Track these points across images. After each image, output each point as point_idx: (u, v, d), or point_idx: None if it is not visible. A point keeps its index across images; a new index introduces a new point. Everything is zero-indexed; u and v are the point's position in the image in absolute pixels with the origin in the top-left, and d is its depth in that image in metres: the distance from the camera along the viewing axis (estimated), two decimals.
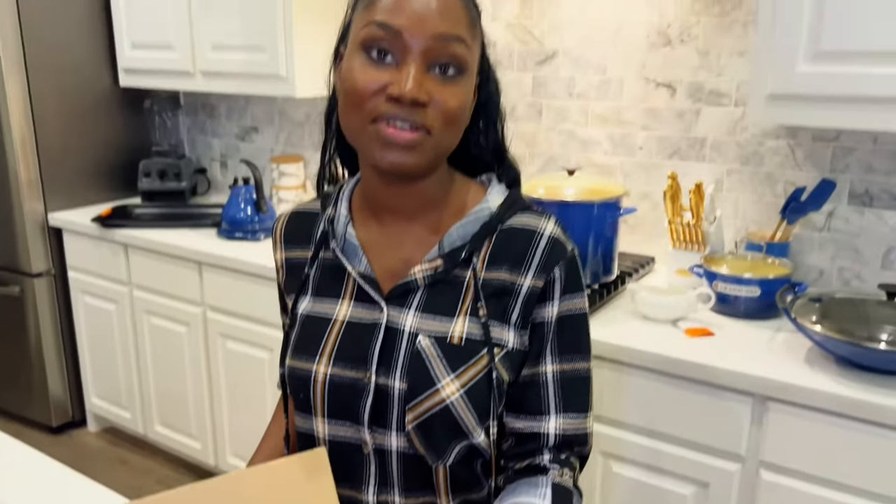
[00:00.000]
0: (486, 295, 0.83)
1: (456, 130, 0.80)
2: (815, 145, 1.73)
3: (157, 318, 2.39)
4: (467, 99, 0.80)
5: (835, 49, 1.41)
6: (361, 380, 0.83)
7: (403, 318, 0.83)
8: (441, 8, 0.75)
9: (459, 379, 0.80)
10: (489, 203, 0.86)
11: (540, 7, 2.03)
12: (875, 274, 1.71)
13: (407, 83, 0.74)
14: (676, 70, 1.87)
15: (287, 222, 0.96)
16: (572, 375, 0.85)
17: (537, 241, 0.84)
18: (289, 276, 0.94)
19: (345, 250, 0.88)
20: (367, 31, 0.76)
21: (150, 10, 2.46)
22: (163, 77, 2.53)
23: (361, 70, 0.76)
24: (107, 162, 2.74)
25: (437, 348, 0.81)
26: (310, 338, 0.87)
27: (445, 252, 0.84)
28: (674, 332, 1.54)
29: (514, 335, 0.84)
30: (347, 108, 0.79)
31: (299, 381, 0.86)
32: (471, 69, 0.79)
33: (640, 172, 1.98)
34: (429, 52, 0.75)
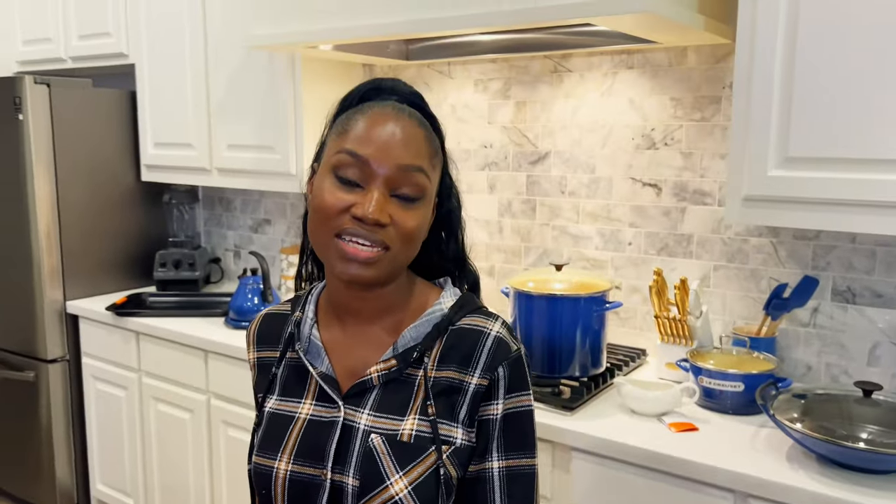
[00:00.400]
0: (436, 393, 0.88)
1: (413, 247, 0.88)
2: (796, 243, 1.79)
3: (163, 404, 2.44)
4: (425, 219, 0.89)
5: (802, 155, 1.49)
6: (318, 476, 0.87)
7: (359, 417, 0.88)
8: (405, 141, 0.85)
9: (408, 476, 0.84)
10: (442, 305, 0.93)
11: (533, 112, 2.15)
12: (861, 370, 1.73)
13: (370, 206, 0.83)
14: (661, 170, 1.96)
15: (260, 324, 1.03)
16: (517, 472, 0.89)
17: (484, 341, 0.89)
18: (259, 376, 1.01)
19: (309, 351, 0.94)
20: (339, 158, 0.85)
21: (173, 112, 2.64)
22: (182, 173, 2.68)
23: (331, 191, 0.85)
24: (126, 252, 2.86)
25: (387, 446, 0.86)
26: (273, 435, 0.92)
27: (399, 352, 0.90)
28: (659, 427, 1.56)
29: (462, 432, 0.88)
30: (315, 222, 0.87)
31: (262, 478, 0.91)
32: (429, 194, 0.89)
33: (630, 267, 2.04)
34: (392, 180, 0.84)
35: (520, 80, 2.17)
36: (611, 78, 2.01)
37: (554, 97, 2.11)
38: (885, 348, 1.70)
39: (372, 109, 0.87)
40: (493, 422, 0.89)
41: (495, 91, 2.22)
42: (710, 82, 1.87)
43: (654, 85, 1.95)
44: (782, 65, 1.49)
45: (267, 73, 2.34)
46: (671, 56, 1.91)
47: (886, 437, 1.39)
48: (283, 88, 2.31)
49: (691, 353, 1.72)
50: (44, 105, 2.57)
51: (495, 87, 2.22)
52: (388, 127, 0.85)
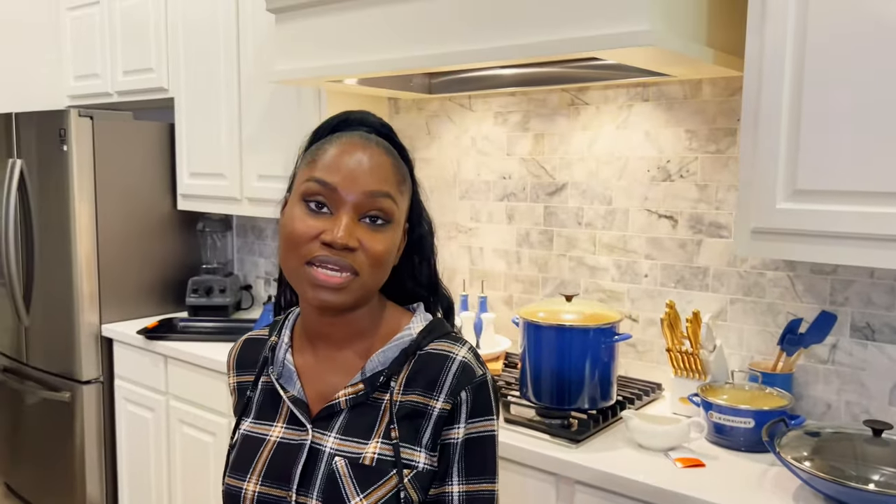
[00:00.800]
0: (400, 417, 0.90)
1: (382, 271, 0.91)
2: (813, 278, 1.75)
3: (187, 427, 2.50)
4: (394, 243, 0.91)
5: (811, 188, 1.47)
6: (284, 498, 0.89)
7: (326, 440, 0.90)
8: (372, 168, 0.88)
9: (368, 499, 0.86)
10: (411, 330, 0.95)
11: (551, 144, 2.17)
12: (883, 410, 1.68)
13: (339, 231, 0.85)
14: (677, 202, 1.95)
15: (240, 349, 1.06)
16: (476, 496, 0.90)
17: (449, 366, 0.91)
18: (237, 399, 1.03)
19: (283, 375, 0.97)
20: (308, 186, 0.88)
21: (207, 144, 2.74)
22: (215, 202, 2.77)
23: (300, 218, 0.88)
24: (160, 278, 2.96)
25: (349, 469, 0.87)
26: (244, 457, 0.94)
27: (367, 377, 0.92)
28: (665, 462, 1.54)
29: (424, 456, 0.89)
30: (286, 250, 0.90)
31: (232, 498, 0.93)
32: (397, 218, 0.91)
33: (647, 299, 2.02)
34: (360, 206, 0.87)
35: (538, 112, 2.19)
36: (626, 110, 2.02)
37: (571, 129, 2.13)
38: None
39: (340, 139, 0.90)
40: (454, 446, 0.90)
41: (514, 124, 2.25)
42: (724, 115, 1.86)
43: (669, 117, 1.95)
44: (790, 97, 1.48)
45: (295, 107, 2.42)
46: (686, 89, 1.92)
47: None
48: (309, 121, 2.38)
49: (702, 388, 1.69)
50: (87, 137, 2.70)
51: (514, 119, 2.25)
52: (356, 155, 0.88)
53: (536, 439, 1.65)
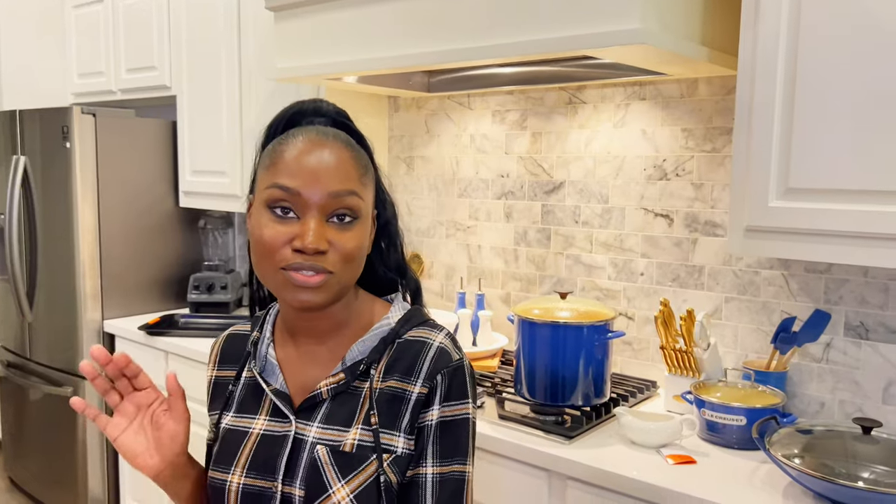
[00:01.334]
0: (379, 403, 0.92)
1: (356, 266, 0.91)
2: (807, 276, 1.76)
3: None
4: (364, 237, 0.92)
5: (803, 186, 1.47)
6: (270, 489, 0.91)
7: (309, 430, 0.92)
8: (333, 167, 0.87)
9: (349, 485, 0.87)
10: (390, 319, 0.97)
11: (548, 143, 2.18)
12: (876, 408, 1.68)
13: (308, 237, 0.85)
14: (673, 201, 1.96)
15: (223, 344, 1.07)
16: (448, 477, 0.91)
17: (426, 351, 0.93)
18: (214, 394, 1.04)
19: (265, 369, 0.98)
20: (270, 193, 0.87)
21: (209, 141, 2.76)
22: (216, 199, 2.79)
23: (268, 226, 0.87)
24: (162, 275, 2.98)
25: (330, 456, 0.89)
26: (228, 450, 0.96)
27: (347, 366, 0.94)
28: (657, 459, 1.55)
29: (402, 441, 0.91)
30: (258, 258, 0.90)
31: (216, 491, 0.94)
32: (364, 212, 0.91)
33: (643, 297, 2.03)
34: (325, 207, 0.87)
35: (536, 111, 2.20)
36: (623, 109, 2.03)
37: (568, 128, 2.14)
38: None
39: (296, 138, 0.89)
40: (428, 428, 0.91)
41: (512, 122, 2.26)
42: (720, 114, 1.86)
43: (665, 116, 1.96)
44: (782, 95, 1.49)
45: None
46: (682, 87, 1.92)
47: (889, 476, 1.34)
48: None
49: (695, 386, 1.70)
50: (90, 134, 2.72)
51: (512, 118, 2.25)
52: (315, 154, 0.87)
53: (530, 435, 1.66)
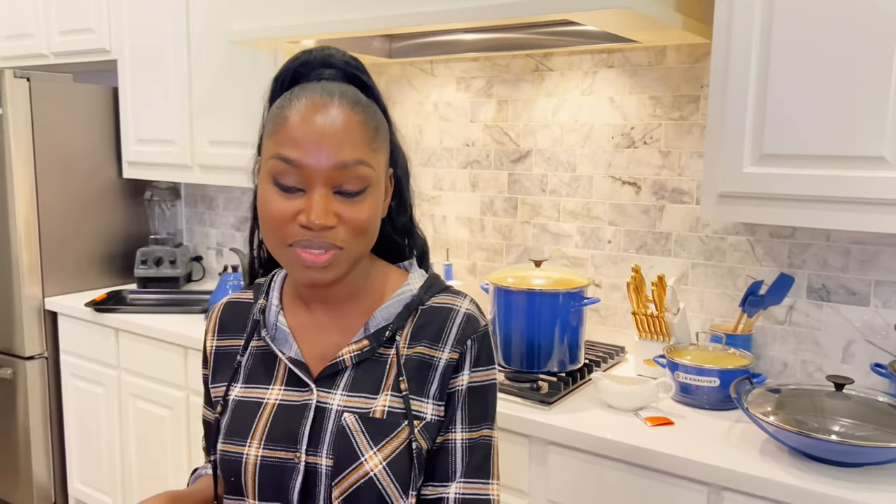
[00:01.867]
0: (408, 370, 0.89)
1: (369, 237, 0.87)
2: (772, 241, 1.81)
3: (142, 401, 2.43)
4: (376, 205, 0.87)
5: (776, 152, 1.51)
6: (292, 459, 0.87)
7: (332, 398, 0.89)
8: (339, 135, 0.81)
9: (381, 452, 0.85)
10: (411, 286, 0.94)
11: (515, 111, 2.17)
12: (836, 367, 1.75)
13: (313, 212, 0.81)
14: (641, 169, 1.98)
15: (222, 312, 1.02)
16: (478, 442, 0.90)
17: (454, 318, 0.91)
18: (217, 365, 0.99)
19: (276, 337, 0.94)
20: (274, 165, 0.82)
21: (155, 109, 2.63)
22: (163, 170, 2.67)
23: (273, 200, 0.83)
24: (106, 249, 2.85)
25: (360, 423, 0.86)
26: (241, 422, 0.91)
27: (370, 333, 0.91)
28: (635, 422, 1.58)
29: (431, 407, 0.89)
30: (265, 231, 0.86)
31: (231, 464, 0.90)
32: (376, 180, 0.86)
33: (610, 265, 2.06)
34: (332, 179, 0.81)
35: (502, 78, 2.18)
36: (591, 77, 2.03)
37: (535, 96, 2.13)
38: (859, 345, 1.72)
39: (300, 100, 0.83)
40: (458, 393, 0.90)
41: (477, 89, 2.23)
42: (688, 82, 1.89)
43: (633, 84, 1.97)
44: (757, 63, 1.51)
45: (250, 70, 2.34)
46: (651, 55, 1.93)
47: (858, 430, 1.40)
48: (265, 84, 2.30)
49: (668, 349, 1.74)
50: (24, 99, 2.55)
51: (477, 85, 2.23)
52: (318, 121, 0.81)
53: (508, 402, 1.66)
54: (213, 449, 0.93)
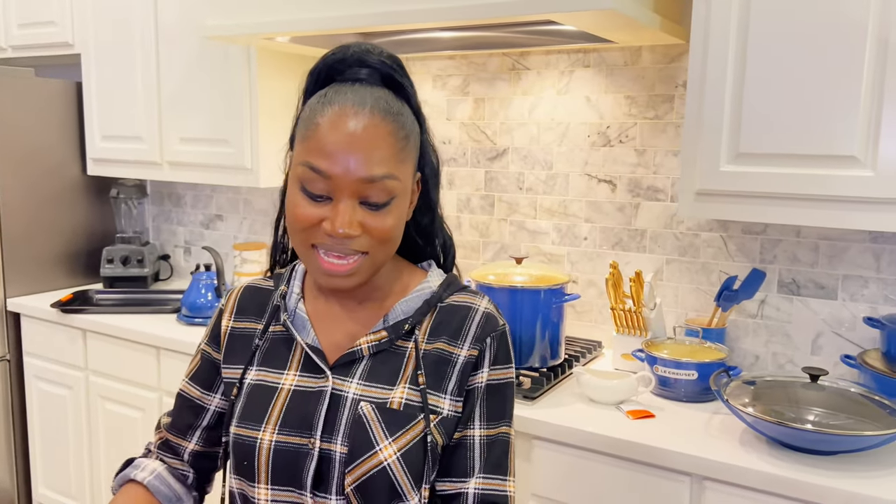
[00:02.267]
0: (426, 364, 0.91)
1: (392, 244, 0.88)
2: (744, 238, 1.86)
3: (112, 403, 2.38)
4: (401, 214, 0.88)
5: (752, 151, 1.55)
6: (306, 445, 0.88)
7: (348, 386, 0.90)
8: (368, 149, 0.82)
9: (396, 442, 0.86)
10: (430, 283, 0.96)
11: (492, 109, 2.18)
12: (805, 359, 1.81)
13: (338, 223, 0.82)
14: (616, 167, 2.01)
15: (241, 294, 1.03)
16: (496, 439, 0.92)
17: (473, 316, 0.93)
18: (231, 346, 0.99)
19: (294, 323, 0.95)
20: (303, 172, 0.84)
21: (122, 104, 2.57)
22: (131, 167, 2.61)
23: (300, 205, 0.85)
24: (70, 248, 2.77)
25: (377, 413, 0.87)
26: (255, 406, 0.92)
27: (390, 324, 0.93)
28: (617, 415, 1.61)
29: (448, 403, 0.91)
30: (291, 231, 0.88)
31: (244, 448, 0.90)
32: (402, 191, 0.87)
33: (586, 261, 2.09)
34: (358, 192, 0.83)
35: (478, 76, 2.19)
36: (567, 76, 2.06)
37: (512, 94, 2.15)
38: (828, 338, 1.78)
39: (332, 107, 0.83)
40: (477, 390, 0.92)
41: (454, 87, 2.24)
42: (663, 81, 1.93)
43: (609, 83, 2.00)
44: (734, 64, 1.55)
45: (222, 65, 2.31)
46: (626, 55, 1.97)
47: (832, 419, 1.46)
48: (238, 81, 2.28)
49: (646, 344, 1.77)
50: None
51: (454, 83, 2.24)
52: (348, 132, 0.81)
53: None
54: (226, 432, 0.94)
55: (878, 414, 1.45)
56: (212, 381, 1.02)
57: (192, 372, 1.04)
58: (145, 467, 1.01)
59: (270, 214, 2.72)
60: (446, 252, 1.02)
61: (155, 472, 1.00)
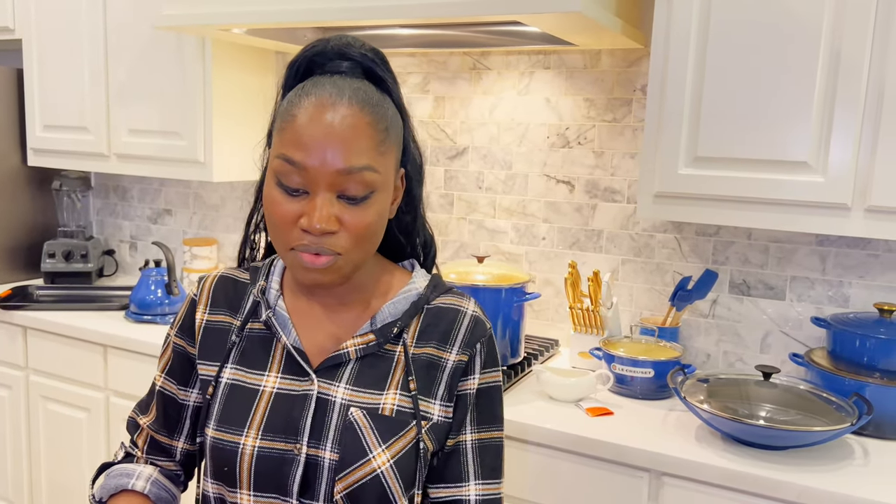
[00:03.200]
0: (416, 369, 0.89)
1: (371, 243, 0.85)
2: (698, 239, 1.91)
3: (54, 403, 2.29)
4: (382, 210, 0.85)
5: (710, 155, 1.59)
6: (291, 451, 0.86)
7: (334, 391, 0.87)
8: (345, 140, 0.79)
9: (390, 450, 0.85)
10: (416, 284, 0.94)
11: (452, 108, 2.19)
12: (755, 357, 1.87)
13: (314, 217, 0.80)
14: (574, 168, 2.04)
15: (215, 285, 0.98)
16: (488, 443, 0.92)
17: (461, 319, 0.92)
18: (206, 341, 0.95)
19: (275, 321, 0.92)
20: (279, 165, 0.81)
21: (66, 93, 2.47)
22: (75, 158, 2.52)
23: (277, 202, 0.82)
24: (9, 242, 2.65)
25: (369, 420, 0.85)
26: (235, 409, 0.89)
27: (377, 328, 0.90)
28: (576, 412, 1.63)
29: (438, 408, 0.89)
30: (270, 231, 0.85)
31: (225, 454, 0.87)
32: (383, 182, 0.84)
33: (544, 261, 2.11)
34: (335, 184, 0.80)
35: (438, 75, 2.19)
36: (528, 77, 2.07)
37: (472, 94, 2.15)
38: (775, 337, 1.85)
39: (309, 98, 0.82)
40: (469, 396, 0.91)
41: (414, 85, 2.23)
42: (621, 85, 1.96)
43: (569, 86, 2.03)
44: (693, 70, 1.59)
45: (175, 56, 2.24)
46: (586, 58, 2.00)
47: (783, 415, 1.51)
48: (192, 72, 2.22)
49: (604, 342, 1.80)
50: None
51: (414, 81, 2.23)
52: (324, 123, 0.79)
53: None
54: (201, 433, 0.90)
55: (826, 409, 1.51)
56: (188, 375, 0.98)
57: (166, 366, 0.99)
58: (140, 475, 0.96)
59: (221, 209, 2.66)
60: (427, 251, 1.01)
61: (151, 478, 0.96)
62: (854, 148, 1.47)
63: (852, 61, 1.45)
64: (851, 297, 1.77)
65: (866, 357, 1.59)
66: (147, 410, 1.01)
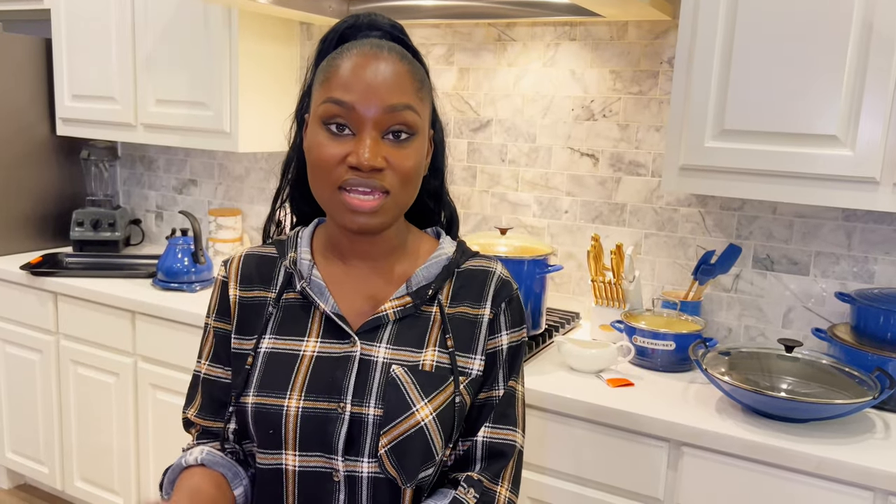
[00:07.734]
0: (453, 327, 0.93)
1: (413, 187, 0.90)
2: (722, 213, 1.91)
3: (84, 368, 2.34)
4: (421, 156, 0.90)
5: (737, 128, 1.59)
6: (335, 410, 0.89)
7: (376, 351, 0.91)
8: (389, 81, 0.85)
9: (432, 403, 0.88)
10: (445, 250, 0.98)
11: (476, 80, 2.18)
12: (776, 332, 1.87)
13: (364, 152, 0.84)
14: (599, 141, 2.03)
15: (242, 263, 1.00)
16: (509, 394, 0.96)
17: (490, 280, 0.96)
18: (243, 316, 0.97)
19: (311, 290, 0.95)
20: (325, 108, 0.86)
21: (94, 63, 2.50)
22: (103, 128, 2.55)
23: (324, 144, 0.86)
24: (38, 210, 2.70)
25: (411, 375, 0.89)
26: (276, 374, 0.91)
27: (413, 290, 0.94)
28: (597, 383, 1.65)
29: (478, 363, 0.94)
30: (315, 177, 0.88)
31: (269, 417, 0.90)
32: (422, 129, 0.89)
33: (566, 234, 2.12)
34: (381, 122, 0.85)
35: (463, 46, 2.19)
36: (553, 48, 2.06)
37: (497, 65, 2.15)
38: (798, 312, 1.85)
39: (350, 51, 0.87)
40: (499, 353, 0.95)
41: (438, 57, 2.23)
42: (648, 57, 1.95)
43: (594, 57, 2.01)
44: (722, 41, 1.58)
45: (201, 26, 2.26)
46: (612, 30, 1.98)
47: (804, 387, 1.52)
48: (218, 42, 2.23)
49: (626, 315, 1.81)
50: None
51: (438, 52, 2.23)
52: (370, 68, 0.85)
53: None
54: (237, 403, 0.93)
55: (848, 384, 1.51)
56: (230, 356, 0.99)
57: (209, 353, 1.00)
58: (191, 452, 0.97)
59: (245, 180, 2.69)
60: (451, 223, 1.05)
61: (203, 451, 0.96)
62: (884, 121, 1.45)
63: (885, 33, 1.43)
64: (877, 273, 1.76)
65: (890, 333, 1.59)
66: (192, 402, 1.02)
